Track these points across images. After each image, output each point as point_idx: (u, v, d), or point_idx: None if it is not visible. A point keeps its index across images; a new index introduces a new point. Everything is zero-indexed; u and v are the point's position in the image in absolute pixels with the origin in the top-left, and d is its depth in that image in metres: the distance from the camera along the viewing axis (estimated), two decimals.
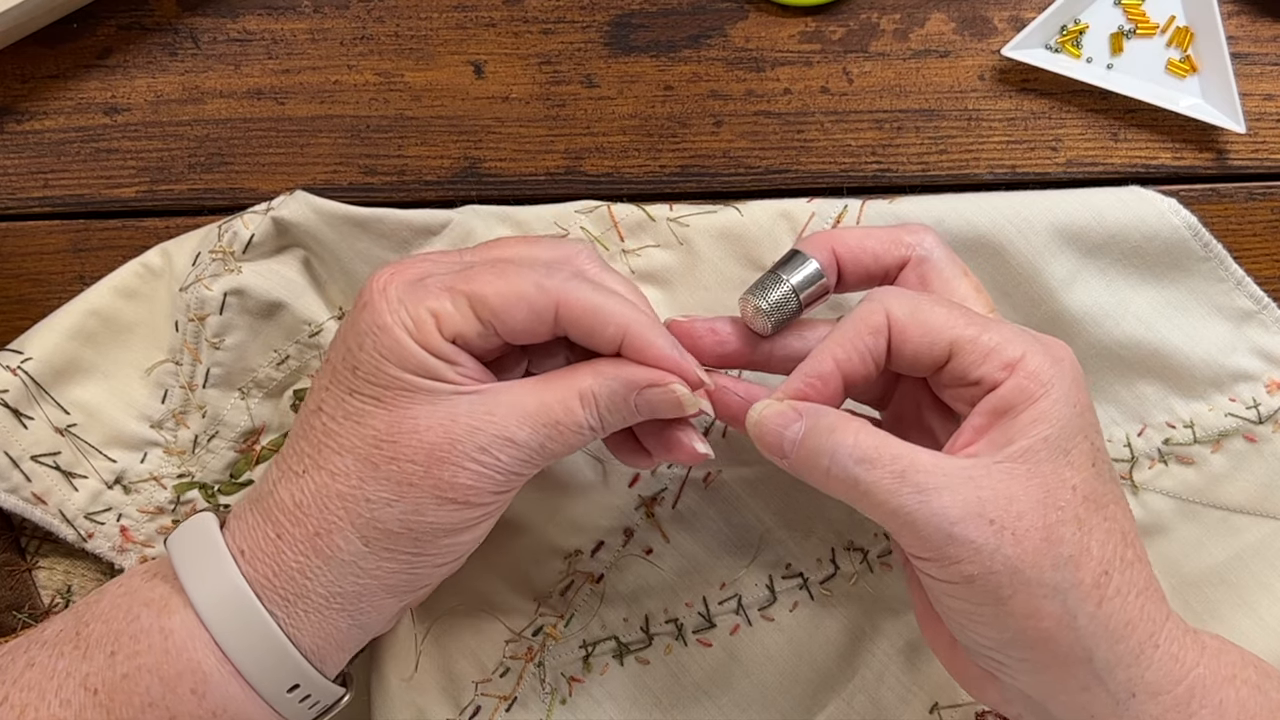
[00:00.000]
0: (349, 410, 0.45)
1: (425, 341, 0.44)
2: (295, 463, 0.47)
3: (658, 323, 0.47)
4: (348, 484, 0.45)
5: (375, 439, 0.45)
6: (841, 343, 0.46)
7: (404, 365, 0.44)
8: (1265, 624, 0.58)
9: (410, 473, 0.45)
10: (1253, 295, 0.59)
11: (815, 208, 0.58)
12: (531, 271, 0.45)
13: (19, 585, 0.57)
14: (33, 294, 0.60)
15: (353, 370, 0.45)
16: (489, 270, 0.45)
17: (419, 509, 0.45)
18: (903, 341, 0.45)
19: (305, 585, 0.46)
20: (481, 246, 0.49)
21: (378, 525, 0.45)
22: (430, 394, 0.45)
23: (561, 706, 0.58)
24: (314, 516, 0.46)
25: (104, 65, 0.60)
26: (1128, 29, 0.60)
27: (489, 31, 0.60)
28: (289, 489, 0.46)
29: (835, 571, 0.59)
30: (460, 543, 0.47)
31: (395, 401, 0.45)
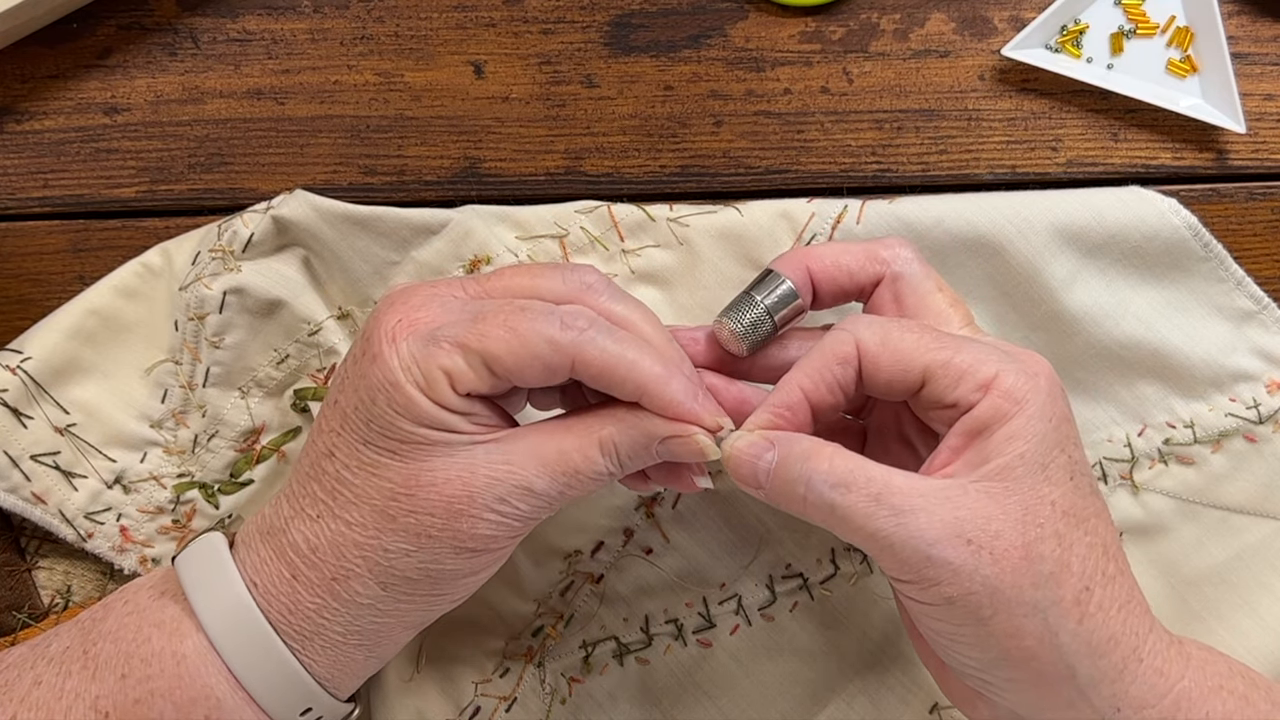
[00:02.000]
0: (363, 460, 0.45)
1: (439, 399, 0.43)
2: (309, 505, 0.46)
3: (675, 366, 0.45)
4: (364, 534, 0.45)
5: (392, 492, 0.44)
6: (809, 373, 0.46)
7: (419, 421, 0.44)
8: (1266, 624, 0.58)
9: (428, 525, 0.44)
10: (1253, 295, 0.59)
11: (815, 208, 0.58)
12: (546, 324, 0.44)
13: (19, 585, 0.57)
14: (32, 294, 0.60)
15: (366, 422, 0.44)
16: (501, 325, 0.44)
17: (437, 558, 0.45)
18: (875, 370, 0.45)
19: (322, 624, 0.46)
20: (490, 278, 0.48)
21: (395, 573, 0.45)
22: (447, 445, 0.44)
23: (561, 707, 0.58)
24: (330, 562, 0.45)
25: (104, 65, 0.60)
26: (1128, 29, 0.60)
27: (489, 31, 0.60)
28: (303, 531, 0.46)
29: (835, 572, 0.59)
30: (477, 580, 0.47)
31: (411, 455, 0.44)
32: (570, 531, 0.57)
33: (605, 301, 0.47)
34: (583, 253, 0.59)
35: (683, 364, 0.46)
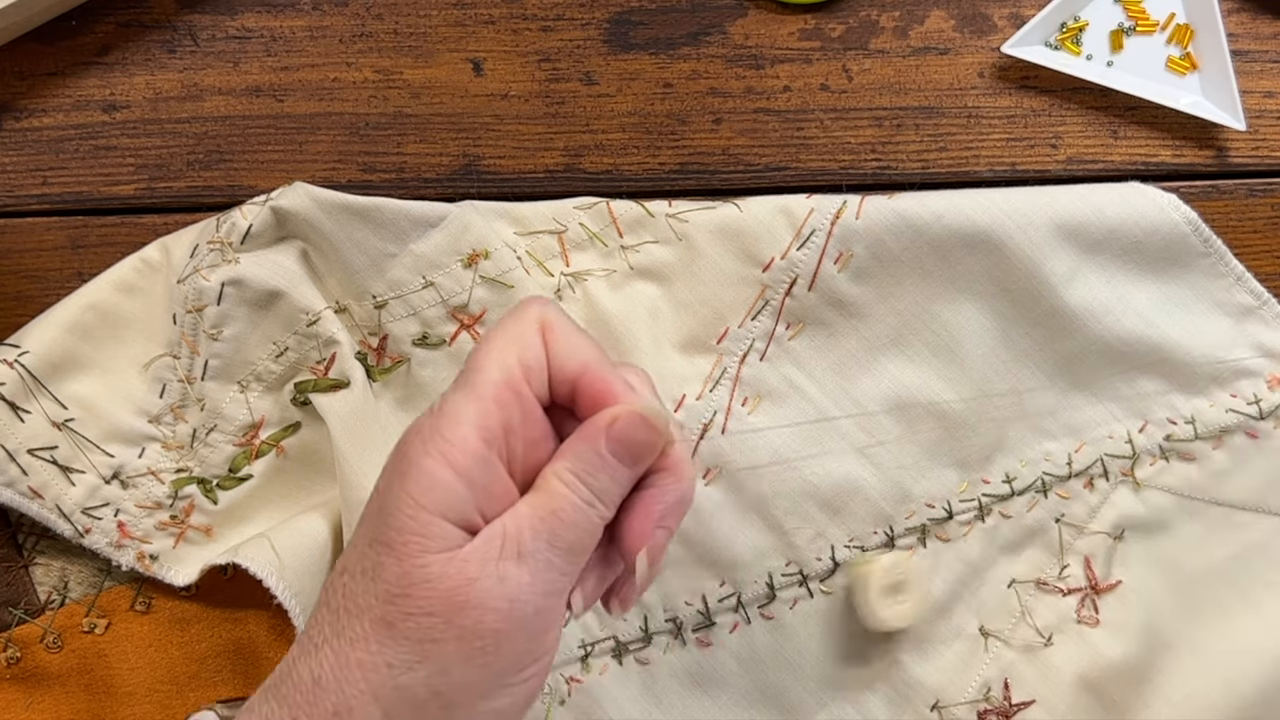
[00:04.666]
0: (366, 566, 0.42)
1: (456, 460, 0.41)
2: (315, 634, 0.43)
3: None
4: (366, 650, 0.41)
5: (389, 594, 0.41)
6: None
7: (423, 499, 0.41)
8: (1268, 621, 0.58)
9: (430, 628, 0.41)
10: (1253, 291, 0.59)
11: (814, 203, 0.58)
12: (504, 325, 0.44)
13: (15, 581, 0.57)
14: (31, 290, 0.59)
15: (378, 511, 0.42)
16: (476, 351, 0.43)
17: (445, 669, 0.42)
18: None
19: None
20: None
21: (402, 695, 0.42)
22: (443, 540, 0.41)
23: (560, 707, 0.58)
24: (333, 693, 0.42)
25: (103, 62, 0.60)
26: (1128, 26, 0.60)
27: (488, 29, 0.60)
28: (308, 665, 0.42)
29: (835, 568, 0.58)
30: (494, 708, 0.44)
31: (406, 549, 0.41)
32: None
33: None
34: (581, 249, 0.59)
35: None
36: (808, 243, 0.58)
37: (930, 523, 0.59)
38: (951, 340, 0.59)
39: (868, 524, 0.59)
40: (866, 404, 0.59)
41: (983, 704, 0.59)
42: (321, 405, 0.57)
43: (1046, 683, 0.59)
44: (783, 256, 0.58)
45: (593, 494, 0.43)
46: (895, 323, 0.59)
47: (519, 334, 0.43)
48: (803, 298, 0.58)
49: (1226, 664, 0.58)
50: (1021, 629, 0.59)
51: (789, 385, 0.59)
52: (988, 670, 0.59)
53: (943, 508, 0.59)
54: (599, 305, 0.58)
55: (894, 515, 0.59)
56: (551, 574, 0.43)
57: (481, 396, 0.42)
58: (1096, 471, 0.59)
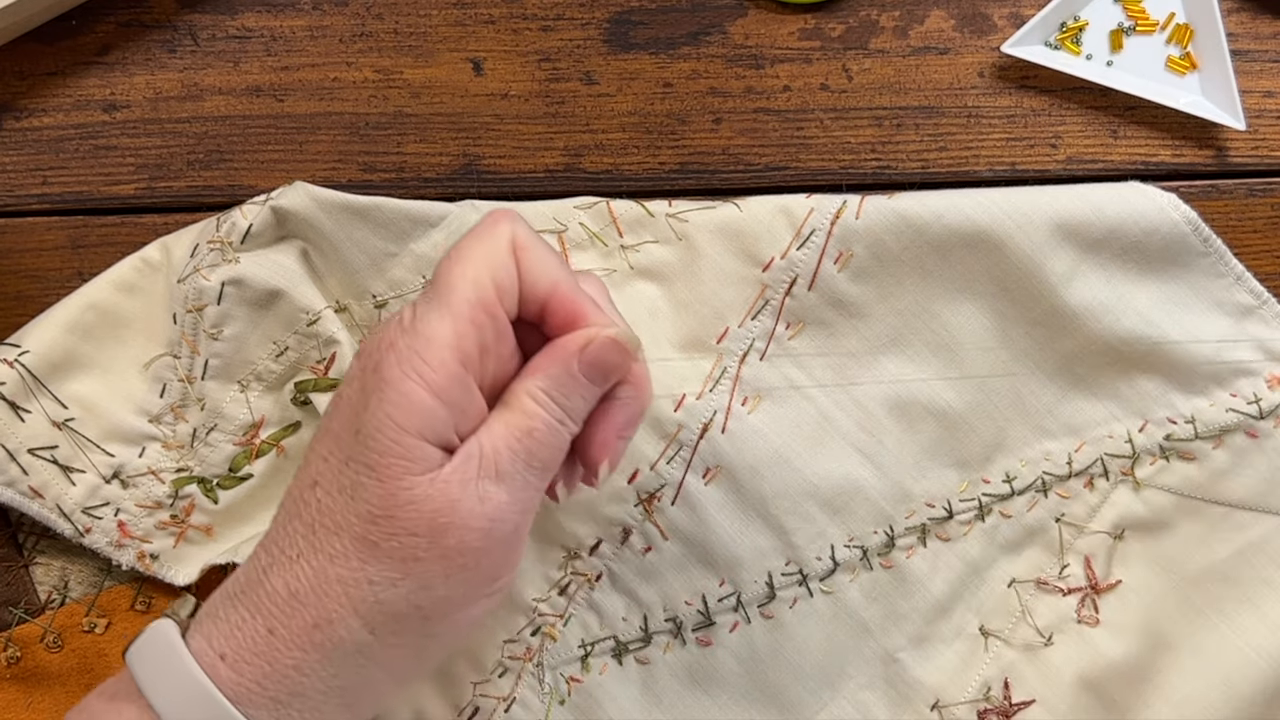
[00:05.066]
0: (344, 483, 0.42)
1: (436, 382, 0.42)
2: (289, 546, 0.43)
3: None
4: (347, 566, 0.42)
5: (371, 515, 0.42)
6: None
7: (405, 424, 0.42)
8: (1269, 620, 0.58)
9: (414, 547, 0.42)
10: (1253, 290, 0.59)
11: (814, 203, 0.58)
12: (477, 233, 0.44)
13: (15, 581, 0.57)
14: (31, 290, 0.60)
15: (354, 433, 0.42)
16: (445, 263, 0.44)
17: (427, 585, 0.42)
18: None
19: (302, 683, 0.43)
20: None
21: (382, 608, 0.42)
22: (425, 462, 0.42)
23: (560, 707, 0.58)
24: (312, 606, 0.42)
25: (103, 62, 0.60)
26: (1127, 26, 0.60)
27: (488, 28, 0.60)
28: (282, 577, 0.43)
29: (835, 568, 0.58)
30: (470, 616, 0.45)
31: (389, 472, 0.42)
32: (568, 530, 0.57)
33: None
34: (581, 249, 0.59)
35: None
36: (808, 242, 0.58)
37: (930, 522, 0.59)
38: (951, 340, 0.59)
39: (868, 524, 0.59)
40: (866, 403, 0.59)
41: (983, 704, 0.59)
42: (322, 405, 0.57)
43: (1047, 682, 0.59)
44: (783, 256, 0.58)
45: (565, 413, 0.45)
46: (895, 322, 0.59)
47: (492, 252, 0.43)
48: (803, 297, 0.58)
49: (1226, 664, 0.57)
50: (1021, 629, 0.59)
51: (789, 385, 0.59)
52: (988, 670, 0.59)
53: (943, 507, 0.59)
54: None
55: (894, 515, 0.59)
56: (528, 491, 0.44)
57: (458, 317, 0.42)
58: (1096, 471, 0.59)
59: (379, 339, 0.43)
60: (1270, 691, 0.57)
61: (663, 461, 0.57)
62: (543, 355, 0.45)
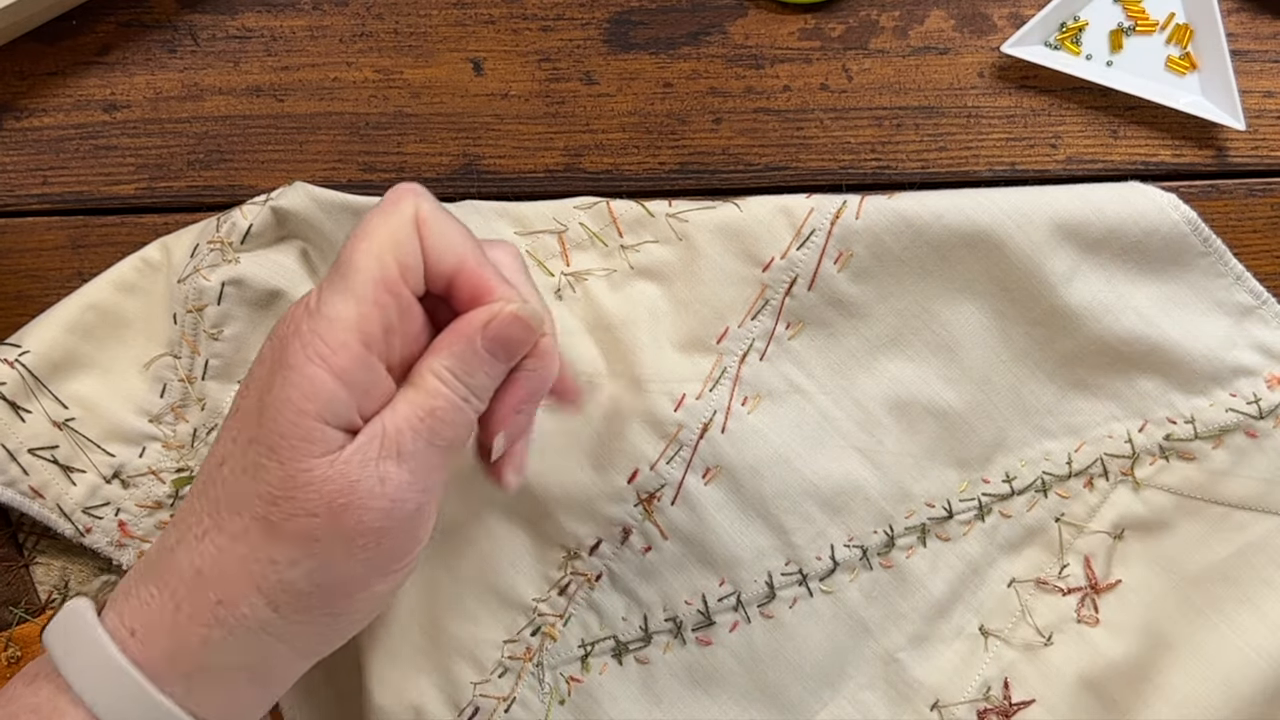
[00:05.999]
0: (247, 463, 0.42)
1: (339, 365, 0.42)
2: (195, 524, 0.43)
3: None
4: (248, 546, 0.42)
5: (271, 496, 0.42)
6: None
7: (304, 406, 0.41)
8: (1269, 620, 0.58)
9: (313, 527, 0.42)
10: (1252, 290, 0.59)
11: (814, 203, 0.58)
12: (381, 209, 0.44)
13: (16, 581, 0.57)
14: (31, 290, 0.60)
15: (259, 412, 0.42)
16: (351, 241, 0.43)
17: (328, 563, 0.43)
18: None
19: (209, 659, 0.43)
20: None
21: (285, 586, 0.42)
22: (324, 444, 0.42)
23: (560, 707, 0.58)
24: (215, 584, 0.42)
25: (103, 62, 0.60)
26: (1127, 26, 0.60)
27: (488, 29, 0.60)
28: (188, 555, 0.43)
29: (835, 568, 0.58)
30: (375, 594, 0.45)
31: (289, 454, 0.42)
32: (567, 530, 0.57)
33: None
34: (581, 249, 0.59)
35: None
36: (808, 242, 0.58)
37: (930, 522, 0.59)
38: (951, 340, 0.59)
39: (868, 523, 0.59)
40: (866, 403, 0.59)
41: (983, 703, 0.59)
42: None
43: (1047, 682, 0.59)
44: (783, 256, 0.58)
45: (469, 390, 0.44)
46: (895, 322, 0.59)
47: (395, 229, 0.43)
48: (803, 297, 0.58)
49: (1226, 664, 0.57)
50: (1021, 628, 0.59)
51: (789, 385, 0.59)
52: (988, 670, 0.59)
53: (943, 507, 0.59)
54: (599, 305, 0.58)
55: (894, 515, 0.59)
56: (431, 471, 0.44)
57: (361, 299, 0.42)
58: (1096, 471, 0.59)
59: (286, 321, 0.43)
60: (1270, 691, 0.57)
61: (662, 461, 0.57)
62: (447, 332, 0.44)
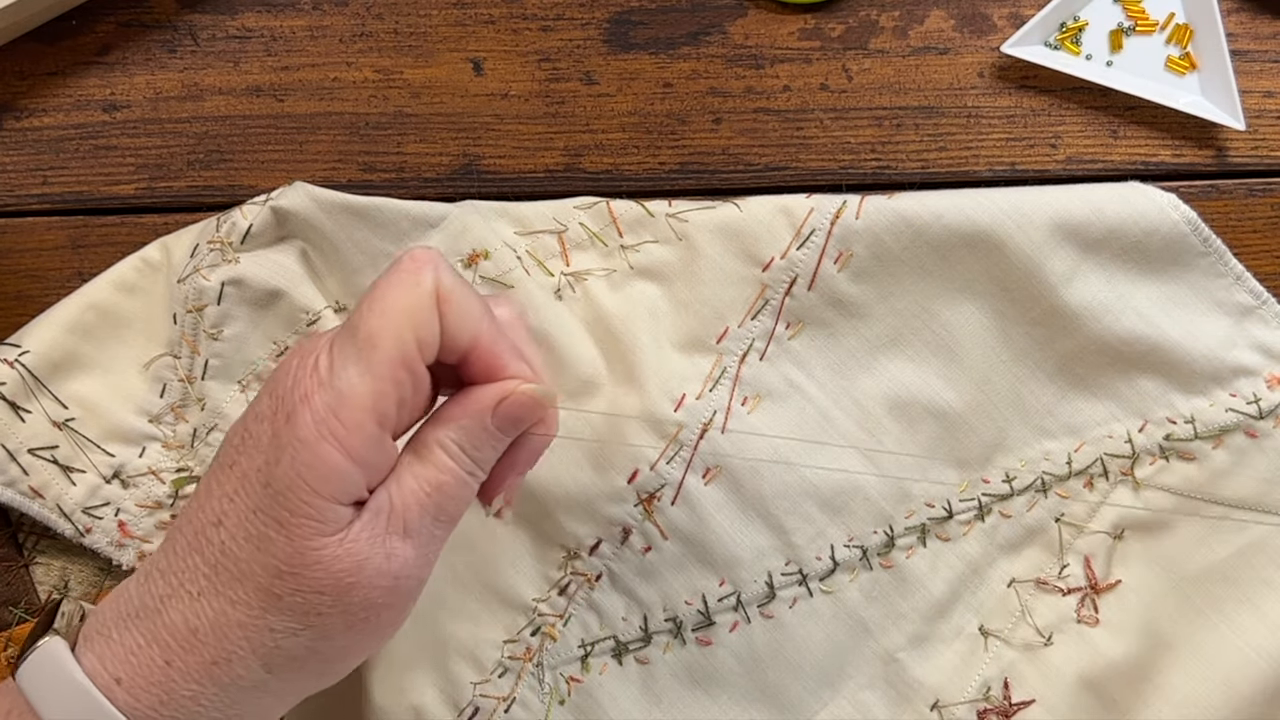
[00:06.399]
0: (250, 532, 0.42)
1: (353, 447, 0.41)
2: (190, 582, 0.42)
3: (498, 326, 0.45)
4: (249, 614, 0.42)
5: (277, 570, 0.41)
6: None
7: (319, 487, 0.41)
8: (1269, 620, 0.58)
9: (318, 604, 0.42)
10: (1252, 290, 0.59)
11: (814, 203, 0.58)
12: (400, 278, 0.43)
13: (15, 581, 0.57)
14: (31, 290, 0.60)
15: (265, 485, 0.41)
16: (364, 309, 0.42)
17: (327, 635, 0.43)
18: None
19: (198, 712, 0.43)
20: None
21: (281, 653, 0.42)
22: (336, 523, 0.42)
23: (560, 707, 0.58)
24: (211, 645, 0.42)
25: (103, 62, 0.60)
26: (1127, 26, 0.60)
27: (488, 29, 0.60)
28: (182, 611, 0.42)
29: (835, 568, 0.58)
30: (363, 656, 0.46)
31: (298, 530, 0.41)
32: (567, 530, 0.57)
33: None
34: (581, 249, 0.59)
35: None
36: (808, 242, 0.58)
37: (930, 522, 0.59)
38: (951, 340, 0.59)
39: (868, 524, 0.59)
40: (866, 404, 0.59)
41: (983, 703, 0.59)
42: None
43: (1047, 682, 0.59)
44: (783, 256, 0.58)
45: (475, 464, 0.44)
46: (895, 322, 0.59)
47: (416, 307, 0.42)
48: (803, 297, 0.58)
49: (1227, 664, 0.57)
50: (1021, 628, 0.59)
51: (789, 385, 0.59)
52: (988, 670, 0.59)
53: (942, 507, 0.59)
54: (599, 305, 0.58)
55: (894, 515, 0.59)
56: (433, 546, 0.44)
57: (379, 377, 0.41)
58: (1096, 471, 0.59)
59: (293, 384, 0.42)
60: (1270, 691, 0.57)
61: (663, 461, 0.57)
62: (456, 404, 0.44)
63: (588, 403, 0.57)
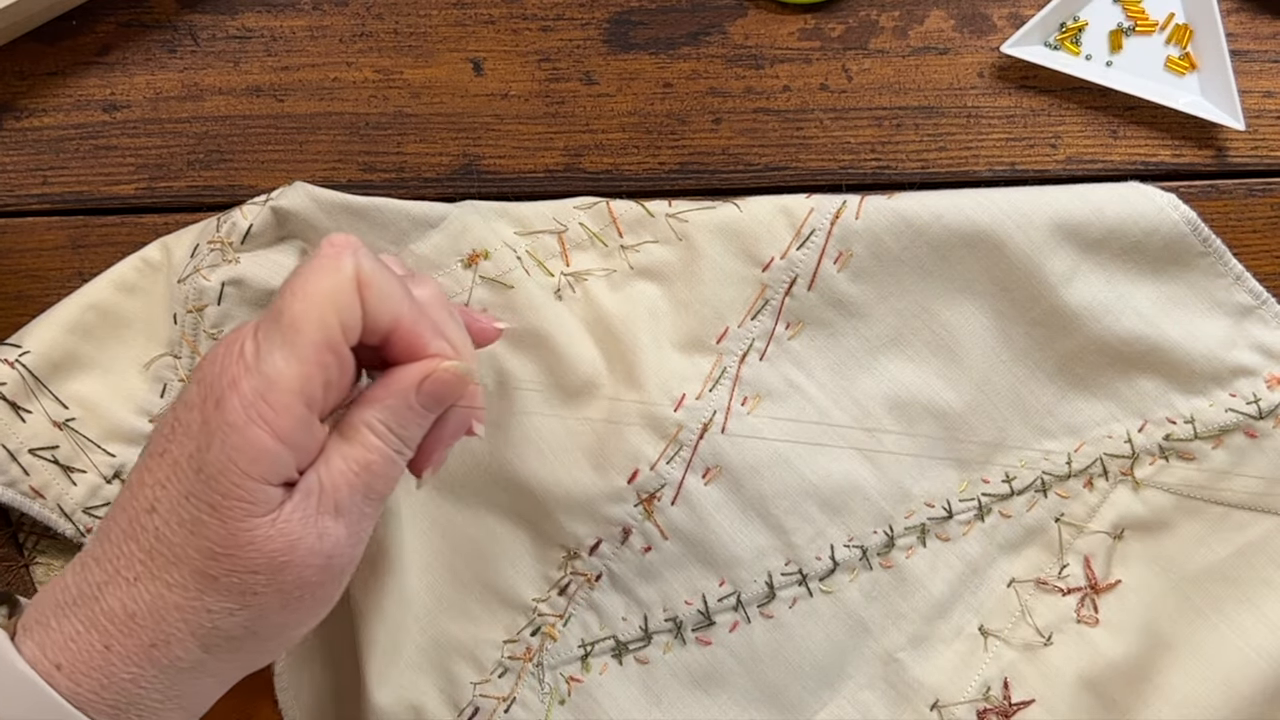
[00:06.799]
0: (183, 517, 0.42)
1: (283, 429, 0.42)
2: (126, 568, 0.43)
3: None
4: (185, 596, 0.43)
5: (211, 552, 0.42)
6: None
7: (250, 469, 0.42)
8: (1269, 620, 0.58)
9: (253, 583, 0.43)
10: (1252, 290, 0.59)
11: (814, 203, 0.58)
12: (320, 264, 0.43)
13: (16, 581, 0.57)
14: (31, 290, 0.60)
15: (196, 471, 0.42)
16: (286, 295, 0.43)
17: (263, 614, 0.44)
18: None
19: (139, 694, 0.43)
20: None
21: (219, 633, 0.43)
22: (266, 504, 0.42)
23: (560, 707, 0.58)
24: (149, 628, 0.43)
25: (103, 62, 0.60)
26: (1127, 26, 0.60)
27: (488, 29, 0.60)
28: (119, 596, 0.43)
29: (835, 568, 0.59)
30: (300, 632, 0.47)
31: (230, 513, 0.42)
32: (567, 530, 0.57)
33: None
34: (581, 249, 0.59)
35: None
36: (807, 242, 0.58)
37: (930, 522, 0.59)
38: (951, 340, 0.59)
39: (868, 523, 0.59)
40: (866, 404, 0.59)
41: (982, 703, 0.59)
42: None
43: (1046, 682, 0.59)
44: (783, 256, 0.58)
45: (402, 443, 0.45)
46: (895, 322, 0.59)
47: (338, 291, 0.43)
48: (803, 297, 0.58)
49: (1226, 664, 0.58)
50: (1021, 628, 0.59)
51: (789, 385, 0.59)
52: (988, 670, 0.59)
53: (942, 507, 0.59)
54: (599, 305, 0.58)
55: (894, 515, 0.59)
56: (364, 524, 0.45)
57: (305, 360, 0.42)
58: (1096, 471, 0.59)
59: (221, 371, 0.43)
60: (1270, 691, 0.57)
61: (662, 461, 0.57)
62: (380, 386, 0.45)
63: (588, 403, 0.57)
